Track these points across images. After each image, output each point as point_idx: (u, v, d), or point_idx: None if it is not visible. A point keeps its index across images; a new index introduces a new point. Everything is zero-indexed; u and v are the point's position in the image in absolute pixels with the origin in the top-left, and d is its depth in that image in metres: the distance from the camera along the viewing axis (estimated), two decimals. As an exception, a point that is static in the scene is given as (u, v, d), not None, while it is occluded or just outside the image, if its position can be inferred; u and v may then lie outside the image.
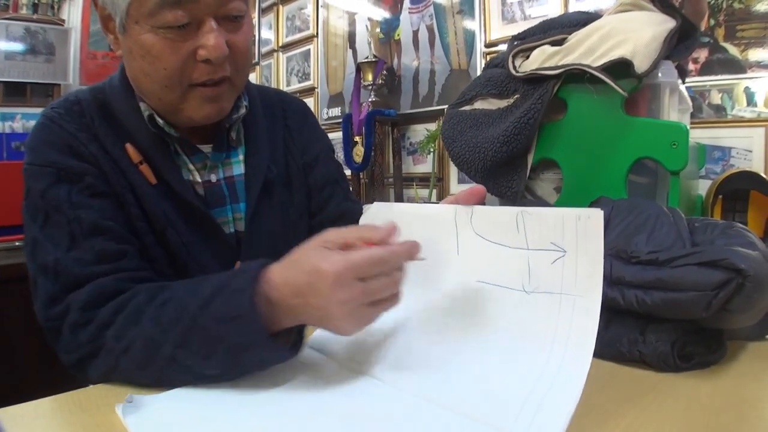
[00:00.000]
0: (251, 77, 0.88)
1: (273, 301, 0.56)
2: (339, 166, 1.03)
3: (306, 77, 3.14)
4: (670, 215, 0.69)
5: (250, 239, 0.83)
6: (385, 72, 2.52)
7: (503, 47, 1.76)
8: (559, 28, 1.03)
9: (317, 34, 3.03)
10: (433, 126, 2.28)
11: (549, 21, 1.08)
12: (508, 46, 1.09)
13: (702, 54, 1.53)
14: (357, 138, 2.45)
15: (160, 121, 0.76)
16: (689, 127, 0.87)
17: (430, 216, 0.64)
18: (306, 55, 3.13)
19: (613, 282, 0.64)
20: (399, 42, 2.50)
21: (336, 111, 2.90)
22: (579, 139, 0.95)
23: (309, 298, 0.54)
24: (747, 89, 1.47)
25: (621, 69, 0.87)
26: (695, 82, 1.54)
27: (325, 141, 1.02)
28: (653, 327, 0.63)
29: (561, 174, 0.98)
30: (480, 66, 2.15)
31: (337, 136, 2.62)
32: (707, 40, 1.52)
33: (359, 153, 2.42)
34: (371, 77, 2.46)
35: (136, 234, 0.74)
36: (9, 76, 3.12)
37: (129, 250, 0.71)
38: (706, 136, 1.50)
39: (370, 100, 2.45)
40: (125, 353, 0.59)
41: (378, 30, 2.62)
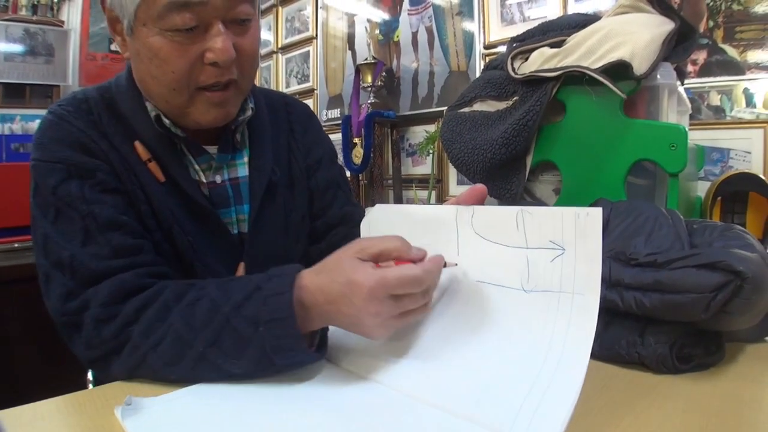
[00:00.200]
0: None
1: (306, 306, 0.58)
2: (341, 169, 1.03)
3: (305, 79, 3.15)
4: (668, 217, 0.69)
5: (253, 241, 0.83)
6: (384, 73, 2.52)
7: (502, 49, 1.76)
8: (558, 30, 1.03)
9: (316, 35, 3.03)
10: (433, 127, 2.28)
11: (548, 23, 1.08)
12: (507, 47, 1.09)
13: (701, 55, 1.53)
14: (356, 139, 2.45)
15: (166, 122, 0.77)
16: (688, 129, 0.87)
17: (431, 217, 0.65)
18: (305, 57, 3.14)
19: (612, 284, 0.64)
20: (398, 43, 2.50)
21: (335, 112, 2.90)
22: (578, 141, 0.95)
23: (341, 306, 0.56)
24: (746, 90, 1.47)
25: (620, 71, 0.87)
26: (694, 83, 1.54)
27: (328, 145, 1.02)
28: (652, 329, 0.63)
29: (560, 176, 0.98)
30: (479, 67, 2.15)
31: (337, 137, 2.61)
32: (706, 41, 1.52)
33: (358, 154, 2.42)
34: (370, 79, 2.46)
35: (145, 231, 0.74)
36: (8, 77, 3.12)
37: (145, 245, 0.71)
38: (704, 137, 1.50)
39: (369, 101, 2.45)
40: (153, 350, 0.60)
41: (377, 31, 2.62)
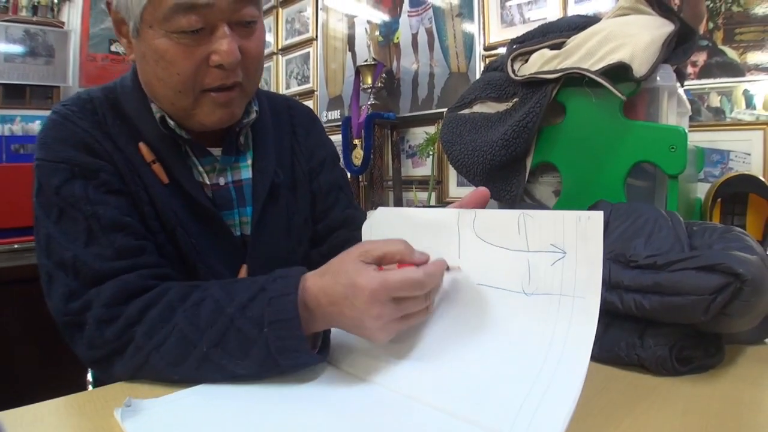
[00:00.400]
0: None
1: (310, 307, 0.58)
2: (343, 172, 1.04)
3: (305, 80, 3.15)
4: (668, 219, 0.69)
5: (255, 243, 0.84)
6: (384, 75, 2.52)
7: (502, 50, 1.76)
8: (558, 31, 1.03)
9: (317, 37, 3.04)
10: (432, 129, 2.28)
11: (548, 24, 1.08)
12: (507, 49, 1.10)
13: (701, 57, 1.54)
14: (356, 141, 2.45)
15: (171, 123, 0.77)
16: (688, 131, 0.87)
17: (433, 220, 0.65)
18: (305, 58, 3.14)
19: (612, 286, 0.64)
20: (398, 45, 2.50)
21: (335, 114, 2.90)
22: (578, 143, 0.95)
23: (344, 308, 0.56)
24: (746, 92, 1.47)
25: (620, 73, 0.87)
26: (694, 85, 1.54)
27: (331, 148, 1.02)
28: (652, 331, 0.63)
29: (560, 177, 0.98)
30: (479, 69, 2.15)
31: (337, 138, 2.61)
32: (706, 43, 1.52)
33: (358, 156, 2.42)
34: (370, 80, 2.46)
35: (149, 232, 0.74)
36: (8, 78, 3.11)
37: (148, 246, 0.71)
38: (704, 139, 1.50)
39: (369, 103, 2.46)
40: (157, 350, 0.60)
41: (377, 33, 2.62)
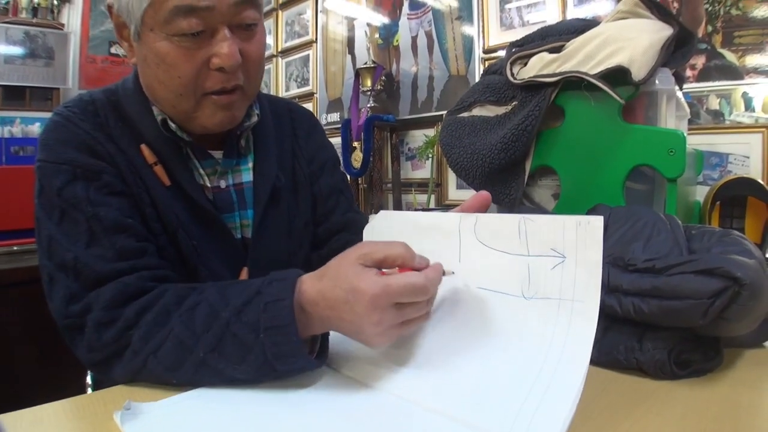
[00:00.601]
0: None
1: (306, 311, 0.57)
2: (344, 176, 1.04)
3: (305, 82, 3.15)
4: (667, 223, 0.70)
5: (256, 246, 0.84)
6: (384, 77, 2.52)
7: (501, 53, 1.76)
8: (557, 35, 1.03)
9: (316, 39, 3.04)
10: (432, 132, 2.29)
11: (547, 28, 1.08)
12: (506, 53, 1.10)
13: (699, 60, 1.54)
14: (356, 143, 2.45)
15: (172, 125, 0.77)
16: (686, 134, 0.88)
17: (434, 224, 0.65)
18: (305, 61, 3.14)
19: (611, 289, 0.64)
20: (398, 48, 2.50)
21: (335, 116, 2.90)
22: (577, 146, 0.95)
23: (343, 313, 0.55)
24: (745, 95, 1.47)
25: (618, 76, 0.88)
26: (693, 88, 1.54)
27: (331, 151, 1.02)
28: (650, 335, 0.63)
29: (559, 181, 0.98)
30: (478, 72, 2.15)
31: (336, 141, 2.61)
32: (705, 46, 1.53)
33: (358, 158, 2.43)
34: (370, 83, 2.47)
35: (150, 234, 0.74)
36: (8, 80, 3.12)
37: (149, 248, 0.71)
38: (703, 142, 1.50)
39: (368, 105, 2.46)
40: (153, 355, 0.60)
41: (377, 36, 2.62)
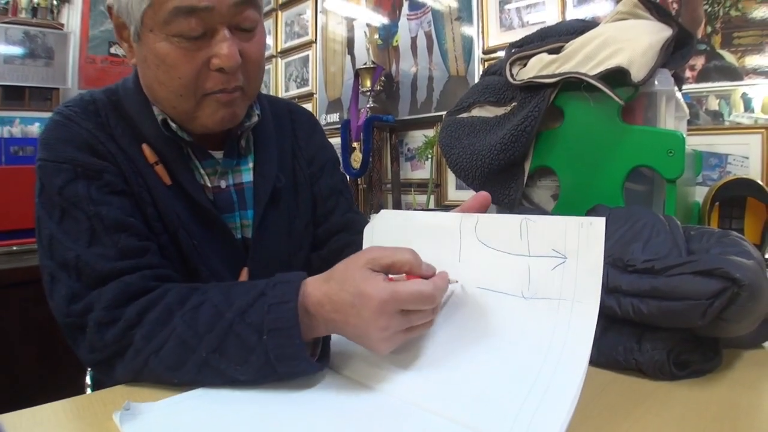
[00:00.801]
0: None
1: (311, 313, 0.57)
2: (344, 177, 1.04)
3: (304, 83, 3.15)
4: (666, 223, 0.70)
5: (257, 246, 0.84)
6: (384, 78, 2.52)
7: (501, 54, 1.76)
8: (557, 36, 1.04)
9: (316, 39, 3.04)
10: (431, 132, 2.29)
11: (546, 29, 1.08)
12: (505, 53, 1.10)
13: (699, 61, 1.54)
14: (355, 144, 2.45)
15: (173, 125, 0.77)
16: (686, 135, 0.88)
17: (435, 224, 0.65)
18: (304, 61, 3.14)
19: (610, 290, 0.64)
20: (397, 48, 2.50)
21: (334, 117, 2.90)
22: (576, 147, 0.95)
23: (349, 317, 0.55)
24: (744, 95, 1.47)
25: (618, 77, 0.88)
26: (692, 88, 1.54)
27: (331, 152, 1.02)
28: (649, 335, 0.63)
29: (558, 181, 0.98)
30: (478, 72, 2.15)
31: (336, 141, 2.61)
32: (704, 47, 1.53)
33: (357, 159, 2.42)
34: (369, 83, 2.46)
35: (152, 233, 0.74)
36: (8, 80, 3.11)
37: (151, 247, 0.71)
38: (702, 142, 1.50)
39: (368, 106, 2.46)
40: (156, 354, 0.60)
41: (376, 36, 2.62)
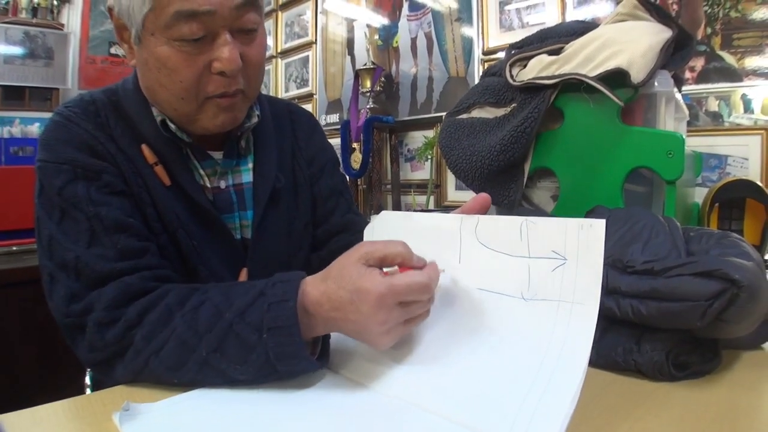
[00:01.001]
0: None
1: (310, 312, 0.58)
2: (344, 178, 1.04)
3: (304, 83, 3.15)
4: (665, 225, 0.70)
5: (256, 247, 0.84)
6: (383, 79, 2.52)
7: (501, 55, 1.77)
8: (556, 37, 1.04)
9: (316, 40, 3.04)
10: (431, 133, 2.29)
11: (546, 30, 1.08)
12: (505, 55, 1.10)
13: (698, 62, 1.54)
14: (355, 144, 2.45)
15: (172, 127, 0.77)
16: (685, 136, 0.88)
17: (435, 225, 0.65)
18: (304, 62, 3.14)
19: (609, 291, 0.64)
20: (397, 49, 2.50)
21: (334, 117, 2.90)
22: (575, 148, 0.95)
23: (348, 314, 0.55)
24: (744, 96, 1.47)
25: (617, 78, 0.88)
26: (692, 89, 1.55)
27: (331, 153, 1.02)
28: (648, 336, 0.63)
29: (557, 182, 0.98)
30: (478, 73, 2.16)
31: (336, 142, 2.61)
32: (704, 48, 1.53)
33: (357, 159, 2.43)
34: (369, 84, 2.47)
35: (151, 234, 0.74)
36: (8, 80, 3.11)
37: (150, 247, 0.71)
38: (702, 143, 1.51)
39: (368, 106, 2.46)
40: (156, 354, 0.60)
41: (376, 37, 2.62)
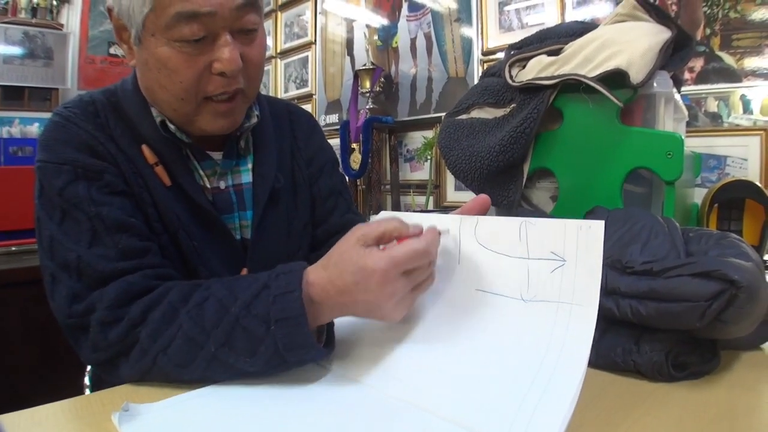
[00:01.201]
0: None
1: (316, 301, 0.58)
2: (343, 178, 1.04)
3: (304, 84, 3.15)
4: (664, 225, 0.70)
5: (256, 247, 0.84)
6: (383, 79, 2.52)
7: (500, 55, 1.77)
8: (556, 38, 1.04)
9: (315, 41, 3.04)
10: (430, 133, 2.29)
11: (545, 31, 1.08)
12: (504, 55, 1.10)
13: (698, 63, 1.54)
14: (354, 145, 2.45)
15: (171, 127, 0.77)
16: (684, 136, 0.88)
17: (434, 226, 0.65)
18: (304, 62, 3.14)
19: (608, 292, 0.64)
20: (396, 49, 2.51)
21: (334, 118, 2.91)
22: (575, 149, 0.95)
23: (357, 295, 0.57)
24: (743, 97, 1.48)
25: (617, 79, 0.88)
26: (691, 90, 1.55)
27: (331, 153, 1.02)
28: (648, 337, 0.63)
29: (557, 183, 0.98)
30: (477, 74, 2.16)
31: (335, 142, 2.61)
32: (703, 49, 1.53)
33: (356, 160, 2.43)
34: (369, 84, 2.47)
35: (152, 234, 0.74)
36: (7, 80, 3.11)
37: (152, 247, 0.71)
38: (701, 144, 1.51)
39: (367, 107, 2.46)
40: (163, 352, 0.60)
41: (376, 37, 2.63)
